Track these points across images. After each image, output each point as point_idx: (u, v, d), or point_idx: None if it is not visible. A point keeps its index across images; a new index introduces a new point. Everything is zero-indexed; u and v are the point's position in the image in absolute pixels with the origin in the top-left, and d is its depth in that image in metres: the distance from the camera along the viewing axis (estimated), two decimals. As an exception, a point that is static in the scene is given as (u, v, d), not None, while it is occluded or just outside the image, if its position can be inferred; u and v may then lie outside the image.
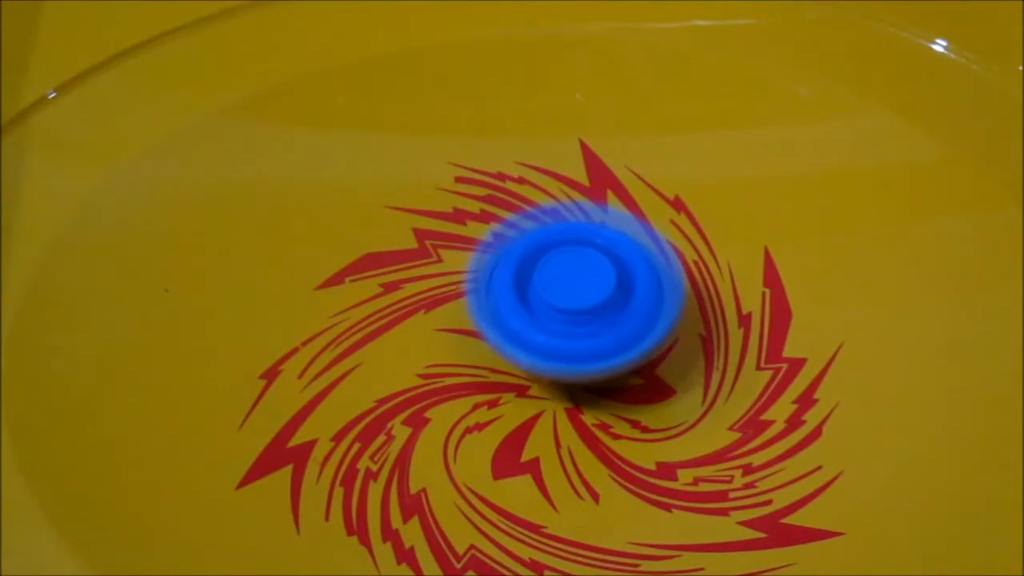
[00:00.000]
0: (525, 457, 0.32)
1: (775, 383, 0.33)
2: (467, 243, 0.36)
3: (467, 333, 0.33)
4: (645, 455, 0.32)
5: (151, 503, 0.31)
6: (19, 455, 0.31)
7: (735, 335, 0.34)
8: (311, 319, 0.34)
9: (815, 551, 0.30)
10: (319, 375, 0.33)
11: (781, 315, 0.34)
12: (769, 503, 0.31)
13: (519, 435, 0.33)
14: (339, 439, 0.32)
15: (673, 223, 0.36)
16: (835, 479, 0.32)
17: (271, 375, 0.33)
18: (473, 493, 0.32)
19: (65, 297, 0.34)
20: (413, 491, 0.32)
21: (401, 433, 0.33)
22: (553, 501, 0.32)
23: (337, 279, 0.35)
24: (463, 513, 0.31)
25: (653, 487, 0.32)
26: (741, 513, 0.31)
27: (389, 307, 0.35)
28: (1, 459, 0.31)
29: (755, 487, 0.32)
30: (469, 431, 0.33)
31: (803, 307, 0.34)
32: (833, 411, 0.33)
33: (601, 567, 0.31)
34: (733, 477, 0.32)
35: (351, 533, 0.31)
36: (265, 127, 0.37)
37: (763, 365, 0.34)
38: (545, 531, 0.31)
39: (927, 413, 0.33)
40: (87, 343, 0.34)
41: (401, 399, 0.33)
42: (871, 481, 0.32)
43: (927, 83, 0.37)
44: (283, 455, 0.32)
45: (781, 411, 0.33)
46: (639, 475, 0.32)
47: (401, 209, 0.36)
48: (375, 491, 0.32)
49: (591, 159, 0.37)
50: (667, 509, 0.31)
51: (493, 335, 0.32)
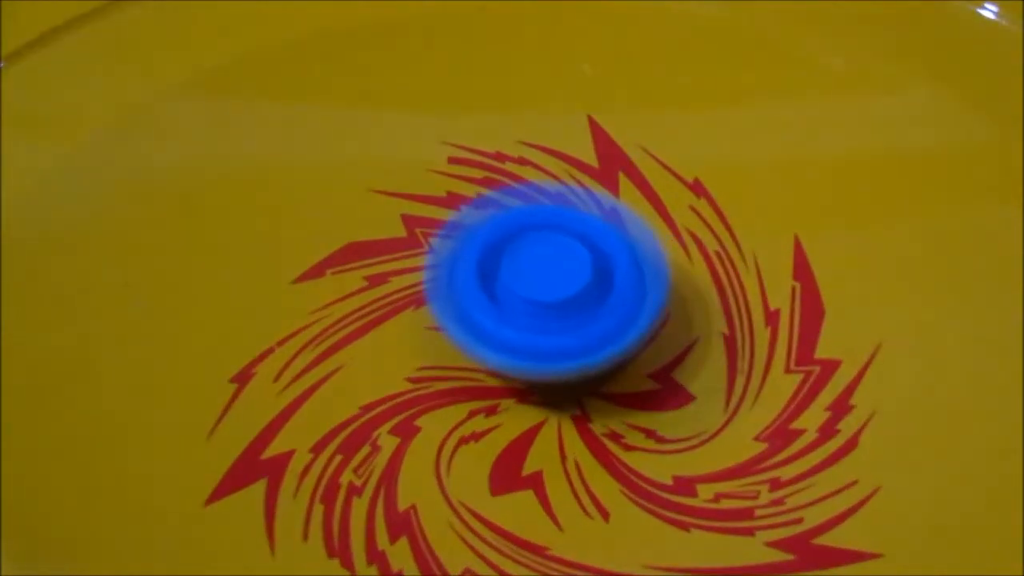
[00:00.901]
0: (527, 471, 0.32)
1: (806, 388, 0.33)
2: (462, 232, 0.36)
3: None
4: (661, 468, 0.32)
5: (110, 520, 0.31)
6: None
7: (761, 334, 0.34)
8: (288, 316, 0.34)
9: (850, 575, 0.30)
10: (297, 378, 0.33)
11: (813, 312, 0.34)
12: (799, 522, 0.31)
13: (520, 446, 0.32)
14: (319, 450, 0.32)
15: (692, 209, 0.36)
16: (872, 495, 0.31)
17: (243, 378, 0.33)
18: (468, 511, 0.31)
19: (9, 292, 0.34)
20: (401, 508, 0.31)
21: (388, 443, 0.32)
22: (558, 520, 0.31)
23: (317, 271, 0.35)
24: (457, 533, 0.31)
25: (669, 504, 0.31)
26: (768, 533, 0.31)
27: (375, 303, 0.34)
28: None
29: (783, 504, 0.31)
30: (464, 441, 0.32)
31: (837, 303, 0.34)
32: (870, 419, 0.32)
33: (611, 593, 0.30)
34: (759, 493, 0.31)
35: (332, 555, 0.30)
36: (235, 102, 0.37)
37: (793, 368, 0.33)
38: (549, 553, 0.31)
39: (973, 422, 0.32)
40: (36, 343, 0.33)
41: (388, 406, 0.33)
42: (912, 497, 0.31)
43: (975, 53, 0.37)
44: (257, 467, 0.32)
45: (813, 419, 0.32)
46: (654, 491, 0.32)
47: (388, 193, 0.36)
48: (359, 508, 0.31)
49: (600, 138, 0.37)
50: (685, 528, 0.31)
51: (456, 331, 0.32)
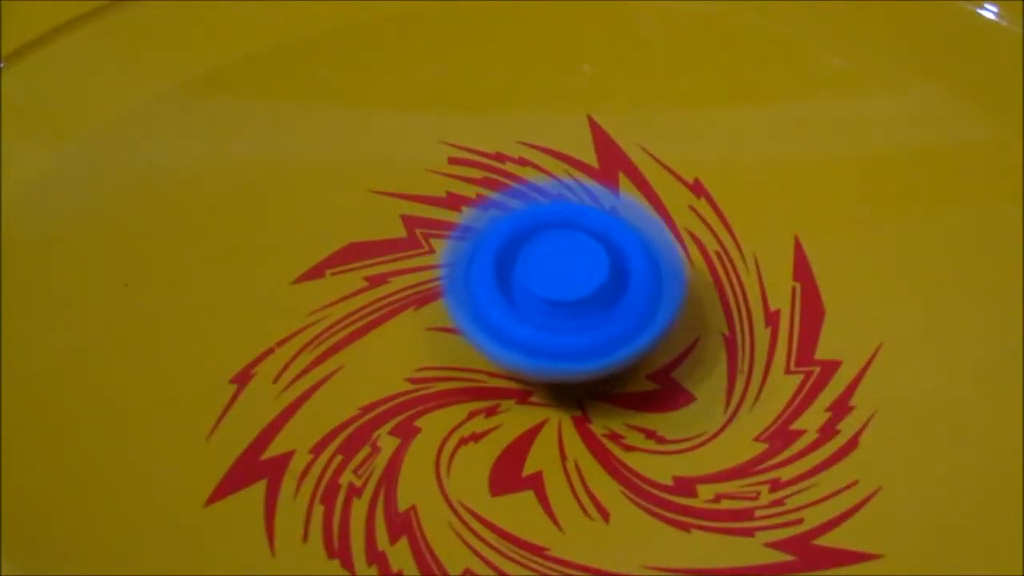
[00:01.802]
0: (527, 471, 0.32)
1: (806, 388, 0.33)
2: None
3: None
4: (661, 469, 0.32)
5: (110, 520, 0.31)
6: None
7: (761, 335, 0.34)
8: (288, 317, 0.34)
9: (850, 575, 0.30)
10: (297, 379, 0.33)
11: (813, 312, 0.34)
12: (800, 522, 0.31)
13: (520, 447, 0.32)
14: (319, 451, 0.32)
15: (692, 209, 0.35)
16: (873, 495, 0.31)
17: (243, 379, 0.33)
18: (468, 511, 0.31)
19: (9, 292, 0.33)
20: (401, 509, 0.31)
21: (388, 444, 0.32)
22: (558, 520, 0.31)
23: (317, 272, 0.34)
24: (457, 533, 0.31)
25: (670, 504, 0.31)
26: (768, 534, 0.31)
27: (375, 303, 0.34)
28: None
29: (784, 504, 0.31)
30: (464, 442, 0.32)
31: (838, 304, 0.34)
32: (871, 420, 0.32)
33: (611, 594, 0.30)
34: (759, 493, 0.31)
35: (332, 556, 0.30)
36: (235, 102, 0.37)
37: (793, 368, 0.33)
38: (549, 554, 0.31)
39: (975, 422, 0.32)
40: (36, 343, 0.33)
41: (388, 406, 0.33)
42: (912, 497, 0.31)
43: (975, 53, 0.37)
44: (256, 468, 0.31)
45: (813, 420, 0.32)
46: (654, 491, 0.31)
47: (388, 194, 0.36)
48: (359, 509, 0.31)
49: (600, 138, 0.37)
50: (685, 529, 0.31)
51: (472, 330, 0.31)
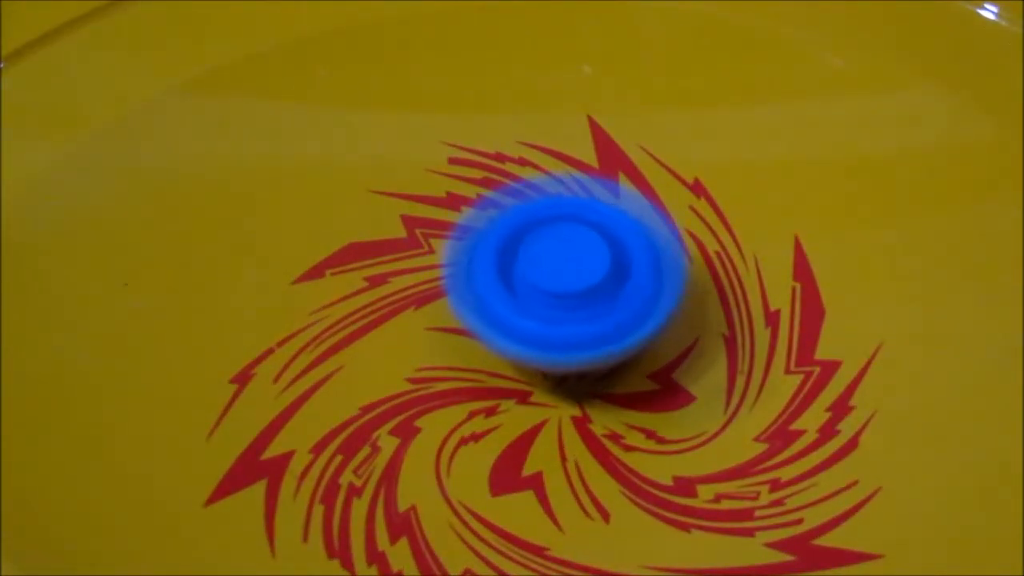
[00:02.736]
0: (527, 471, 0.32)
1: (806, 388, 0.33)
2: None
3: (461, 332, 0.32)
4: (661, 469, 0.32)
5: (110, 521, 0.31)
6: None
7: (761, 335, 0.34)
8: (288, 317, 0.34)
9: (850, 575, 0.30)
10: (297, 379, 0.33)
11: (813, 313, 0.34)
12: (799, 522, 0.31)
13: (520, 446, 0.32)
14: (319, 451, 0.32)
15: (692, 209, 0.35)
16: (873, 495, 0.31)
17: (243, 379, 0.33)
18: (468, 511, 0.31)
19: (9, 292, 0.33)
20: (402, 509, 0.31)
21: (388, 444, 0.32)
22: (558, 520, 0.31)
23: (317, 272, 0.35)
24: (457, 533, 0.31)
25: (670, 504, 0.31)
26: (768, 534, 0.31)
27: (375, 303, 0.34)
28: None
29: (784, 504, 0.31)
30: (464, 442, 0.32)
31: (838, 304, 0.34)
32: (871, 420, 0.32)
33: (611, 594, 0.30)
34: (759, 493, 0.31)
35: (332, 556, 0.30)
36: (235, 102, 0.37)
37: (793, 368, 0.33)
38: (549, 554, 0.31)
39: (975, 422, 0.32)
40: (35, 343, 0.33)
41: (388, 406, 0.33)
42: (912, 497, 0.31)
43: (975, 53, 0.37)
44: (256, 468, 0.32)
45: (813, 420, 0.32)
46: (654, 491, 0.32)
47: (388, 194, 0.36)
48: (359, 509, 0.31)
49: (601, 138, 0.37)
50: (685, 529, 0.31)
51: (476, 323, 0.31)
